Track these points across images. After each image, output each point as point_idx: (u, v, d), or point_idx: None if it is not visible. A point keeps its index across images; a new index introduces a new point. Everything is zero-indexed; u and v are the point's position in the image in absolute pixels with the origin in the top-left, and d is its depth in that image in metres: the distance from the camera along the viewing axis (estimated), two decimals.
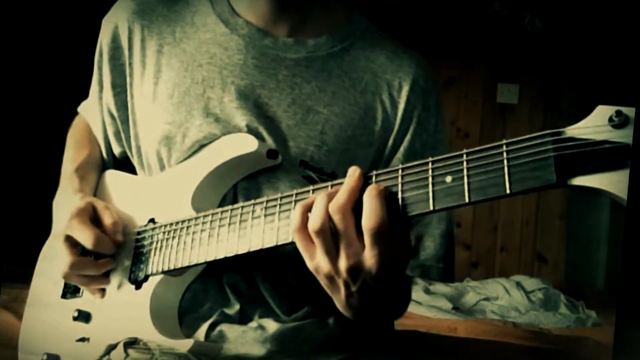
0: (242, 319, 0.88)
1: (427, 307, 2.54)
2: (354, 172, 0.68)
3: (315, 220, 0.66)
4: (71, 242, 0.86)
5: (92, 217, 0.88)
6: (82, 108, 1.10)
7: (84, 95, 1.09)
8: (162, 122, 0.91)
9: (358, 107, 0.91)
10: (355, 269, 0.67)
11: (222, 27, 0.93)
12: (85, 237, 0.85)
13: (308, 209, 0.68)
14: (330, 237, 0.66)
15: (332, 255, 0.67)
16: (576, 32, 3.36)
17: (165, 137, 0.90)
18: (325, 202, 0.67)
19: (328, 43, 0.94)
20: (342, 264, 0.67)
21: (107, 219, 0.88)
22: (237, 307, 0.88)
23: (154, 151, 0.92)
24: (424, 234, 0.91)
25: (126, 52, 0.97)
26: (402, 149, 0.92)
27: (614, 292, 2.75)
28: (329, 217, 0.66)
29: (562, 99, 3.51)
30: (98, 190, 1.01)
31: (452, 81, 3.51)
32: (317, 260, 0.68)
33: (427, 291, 2.83)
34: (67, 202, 0.91)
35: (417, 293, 2.71)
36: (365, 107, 0.92)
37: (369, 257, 0.66)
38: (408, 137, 0.92)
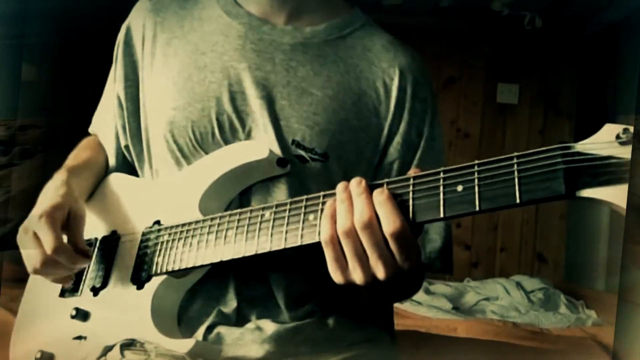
0: (239, 319, 0.88)
1: (427, 307, 2.54)
2: (359, 183, 0.70)
3: (344, 223, 0.68)
4: (39, 241, 0.85)
5: (63, 219, 0.86)
6: (92, 125, 1.11)
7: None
8: (167, 108, 0.93)
9: (352, 93, 0.93)
10: (393, 277, 0.68)
11: (225, 17, 0.97)
12: (47, 241, 0.83)
13: (335, 217, 0.70)
14: (360, 244, 0.68)
15: (364, 262, 0.68)
16: (576, 32, 3.37)
17: (170, 123, 0.92)
18: (348, 204, 0.69)
19: (325, 31, 0.96)
20: (380, 275, 0.68)
21: (77, 232, 0.87)
22: (234, 304, 0.88)
23: (161, 138, 0.93)
24: (429, 227, 0.92)
25: (139, 47, 1.00)
26: (398, 138, 0.94)
27: (614, 292, 2.75)
28: (357, 235, 0.67)
29: (562, 99, 3.51)
30: (100, 192, 1.01)
31: (452, 81, 3.51)
32: (349, 273, 0.69)
33: (427, 291, 2.84)
34: (49, 191, 0.90)
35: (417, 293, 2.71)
36: (359, 93, 0.93)
37: (402, 262, 0.67)
38: (403, 126, 0.93)
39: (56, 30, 2.70)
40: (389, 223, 0.66)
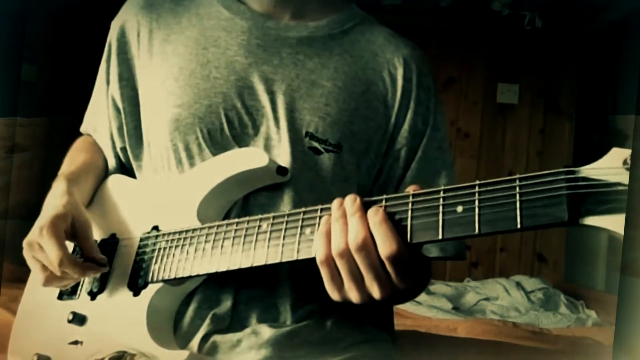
0: (235, 321, 0.87)
1: (427, 307, 2.54)
2: (354, 201, 0.70)
3: (338, 243, 0.68)
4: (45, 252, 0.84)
5: (67, 228, 0.85)
6: (84, 126, 1.09)
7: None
8: (170, 105, 0.92)
9: (360, 82, 0.94)
10: (390, 296, 0.69)
11: (226, 13, 0.97)
12: (51, 254, 0.82)
13: (329, 235, 0.69)
14: (355, 265, 0.68)
15: (359, 282, 0.68)
16: (576, 32, 3.36)
17: (175, 120, 0.91)
18: (342, 222, 0.69)
19: (328, 26, 0.97)
20: (376, 295, 0.68)
21: (86, 242, 0.87)
22: (229, 304, 0.87)
23: (164, 137, 0.92)
24: None
25: (134, 45, 0.99)
26: (405, 126, 0.95)
27: (614, 292, 2.75)
28: (352, 256, 0.67)
29: (562, 99, 3.50)
30: (99, 194, 1.00)
31: (452, 81, 3.51)
32: (345, 292, 0.70)
33: (427, 291, 2.84)
34: (51, 202, 0.89)
35: None
36: (367, 82, 0.95)
37: (398, 283, 0.67)
38: (409, 114, 0.95)
39: (56, 30, 2.70)
40: (385, 246, 0.66)
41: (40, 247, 0.83)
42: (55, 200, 0.89)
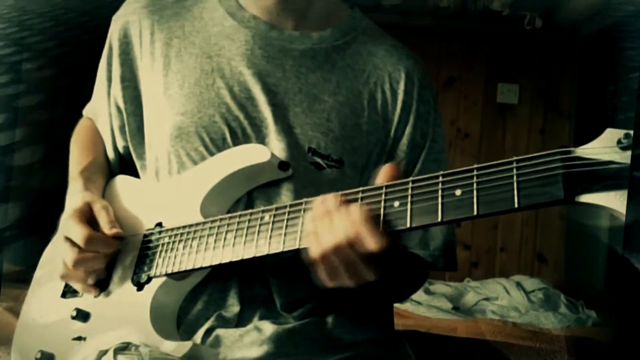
0: (240, 322, 0.88)
1: (427, 307, 2.54)
2: (335, 198, 0.72)
3: (328, 238, 0.70)
4: (71, 242, 0.87)
5: (89, 217, 0.89)
6: (87, 109, 1.10)
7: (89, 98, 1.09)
8: (173, 113, 0.92)
9: (361, 97, 0.94)
10: (382, 275, 0.71)
11: (230, 20, 0.96)
12: (77, 236, 0.85)
13: (317, 233, 0.71)
14: (348, 256, 0.70)
15: (354, 270, 0.71)
16: (576, 31, 3.36)
17: (178, 128, 0.91)
18: (327, 220, 0.71)
19: (332, 36, 0.97)
20: (370, 277, 0.71)
21: (103, 219, 0.89)
22: (236, 309, 0.88)
23: (167, 143, 0.93)
24: None
25: (137, 46, 0.98)
26: (404, 140, 0.95)
27: (613, 292, 2.76)
28: (346, 249, 0.70)
29: (562, 99, 3.50)
30: (106, 193, 1.01)
31: (452, 81, 3.51)
32: (341, 280, 0.72)
33: (427, 291, 2.84)
34: (70, 200, 0.93)
35: (417, 293, 2.71)
36: (367, 97, 0.95)
37: (388, 264, 0.71)
38: (409, 128, 0.95)
39: (56, 30, 2.70)
40: (369, 243, 0.68)
41: (66, 239, 0.86)
42: (73, 198, 0.93)
